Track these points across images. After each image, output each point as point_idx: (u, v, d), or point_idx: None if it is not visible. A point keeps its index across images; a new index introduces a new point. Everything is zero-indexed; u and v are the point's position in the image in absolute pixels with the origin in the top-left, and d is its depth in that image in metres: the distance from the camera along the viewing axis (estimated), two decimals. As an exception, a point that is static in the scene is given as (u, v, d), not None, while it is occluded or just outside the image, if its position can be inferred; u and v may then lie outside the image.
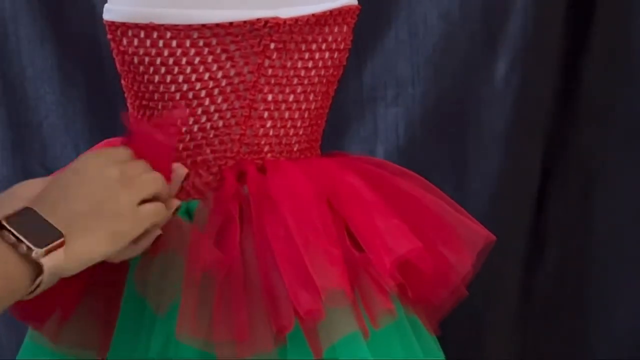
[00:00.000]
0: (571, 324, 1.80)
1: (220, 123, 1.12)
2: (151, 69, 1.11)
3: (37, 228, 0.87)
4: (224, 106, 1.11)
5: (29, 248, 0.86)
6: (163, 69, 1.10)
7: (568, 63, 1.75)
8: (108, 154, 0.96)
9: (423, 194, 1.15)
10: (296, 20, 1.10)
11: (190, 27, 1.08)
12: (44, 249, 0.86)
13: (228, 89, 1.11)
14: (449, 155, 1.78)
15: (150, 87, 1.12)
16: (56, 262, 0.87)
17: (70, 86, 1.79)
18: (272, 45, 1.10)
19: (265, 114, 1.12)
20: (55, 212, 0.89)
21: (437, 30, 1.74)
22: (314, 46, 1.13)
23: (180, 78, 1.10)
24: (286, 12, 1.10)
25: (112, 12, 1.13)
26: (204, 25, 1.08)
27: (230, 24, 1.08)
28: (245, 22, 1.08)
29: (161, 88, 1.11)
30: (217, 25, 1.08)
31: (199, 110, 1.11)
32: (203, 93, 1.11)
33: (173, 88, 1.11)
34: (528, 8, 1.71)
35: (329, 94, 1.18)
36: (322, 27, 1.13)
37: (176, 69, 1.10)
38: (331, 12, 1.13)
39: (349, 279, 1.02)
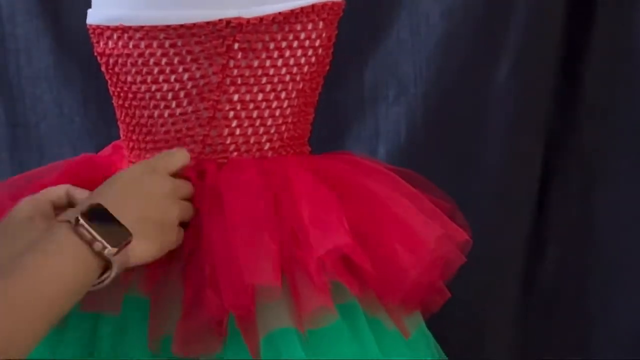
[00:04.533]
0: (572, 323, 1.78)
1: (184, 126, 1.12)
2: (123, 70, 1.13)
3: (109, 226, 0.95)
4: (189, 109, 1.12)
5: (103, 246, 0.93)
6: (133, 70, 1.12)
7: (569, 63, 1.74)
8: (159, 167, 1.05)
9: (388, 193, 1.13)
10: (261, 19, 1.09)
11: (155, 28, 1.09)
12: (116, 248, 0.94)
13: (194, 91, 1.11)
14: (451, 155, 1.77)
15: (124, 88, 1.14)
16: (123, 260, 0.96)
17: (67, 86, 1.80)
18: (236, 46, 1.10)
19: (231, 114, 1.12)
20: (123, 213, 0.97)
21: (439, 30, 1.73)
22: (283, 44, 1.12)
23: (149, 79, 1.12)
24: (252, 12, 1.09)
25: (91, 15, 1.17)
26: (168, 26, 1.09)
27: (194, 24, 1.09)
28: (207, 22, 1.08)
29: (132, 88, 1.13)
30: (181, 26, 1.09)
31: (166, 113, 1.12)
32: (170, 95, 1.12)
33: (143, 88, 1.12)
34: (530, 7, 1.69)
35: (305, 92, 1.16)
36: (293, 25, 1.12)
37: (144, 70, 1.11)
38: (302, 9, 1.12)
39: (284, 275, 1.03)
